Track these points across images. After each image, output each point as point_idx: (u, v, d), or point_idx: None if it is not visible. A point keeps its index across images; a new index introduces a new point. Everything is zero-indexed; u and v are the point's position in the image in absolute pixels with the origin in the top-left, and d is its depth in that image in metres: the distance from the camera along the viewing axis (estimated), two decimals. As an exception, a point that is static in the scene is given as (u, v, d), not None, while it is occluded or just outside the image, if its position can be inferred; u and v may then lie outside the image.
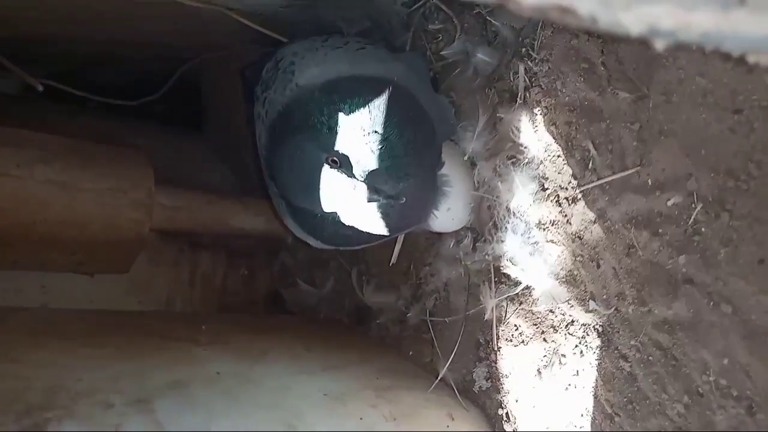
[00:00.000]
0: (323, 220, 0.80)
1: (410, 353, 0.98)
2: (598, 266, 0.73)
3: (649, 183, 0.68)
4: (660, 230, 0.68)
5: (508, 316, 0.82)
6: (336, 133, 0.74)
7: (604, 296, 0.73)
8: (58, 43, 1.07)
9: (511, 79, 0.81)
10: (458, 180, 0.84)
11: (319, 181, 0.75)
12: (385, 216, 0.77)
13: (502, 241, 0.80)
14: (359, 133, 0.73)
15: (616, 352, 0.72)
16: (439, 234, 0.91)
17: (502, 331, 0.83)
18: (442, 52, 0.89)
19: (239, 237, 1.17)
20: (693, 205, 0.65)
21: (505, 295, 0.81)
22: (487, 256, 0.83)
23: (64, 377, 0.70)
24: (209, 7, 0.90)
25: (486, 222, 0.84)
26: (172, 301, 1.15)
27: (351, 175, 0.74)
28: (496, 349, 0.83)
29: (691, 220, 0.65)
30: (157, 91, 1.19)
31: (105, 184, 0.95)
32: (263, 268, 1.22)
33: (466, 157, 0.85)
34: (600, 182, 0.72)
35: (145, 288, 1.12)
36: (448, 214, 0.84)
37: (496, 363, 0.84)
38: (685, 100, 0.65)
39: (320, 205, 0.77)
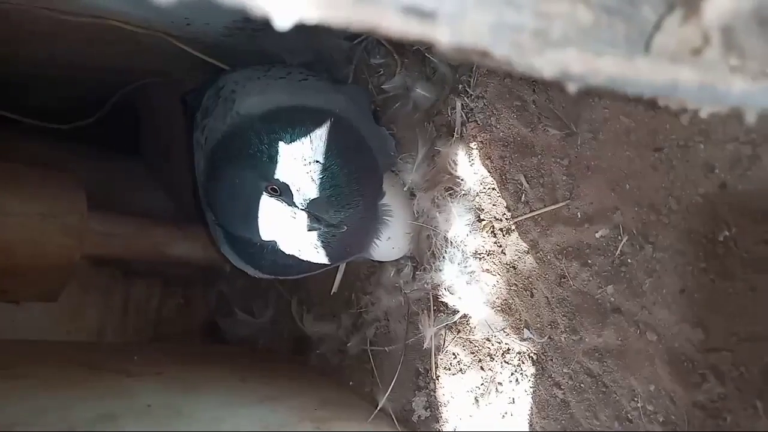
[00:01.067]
0: (262, 249, 0.79)
1: (350, 383, 0.97)
2: (532, 295, 0.75)
3: (578, 216, 0.71)
4: (589, 261, 0.70)
5: (446, 344, 0.83)
6: (276, 161, 0.74)
7: (538, 325, 0.75)
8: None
9: (449, 114, 0.83)
10: (399, 210, 0.85)
11: (257, 210, 0.75)
12: (326, 245, 0.77)
13: (440, 270, 0.81)
14: (300, 162, 0.74)
15: (550, 379, 0.74)
16: (380, 263, 0.92)
17: (441, 359, 0.84)
18: (383, 86, 0.90)
19: (176, 265, 1.14)
20: (619, 237, 0.68)
21: (444, 324, 0.82)
22: (426, 285, 0.85)
23: (-20, 410, 0.66)
24: (149, 32, 0.90)
25: (425, 251, 0.85)
26: (103, 330, 1.11)
27: (291, 203, 0.74)
28: (435, 377, 0.84)
29: (618, 251, 0.68)
30: (93, 114, 1.16)
31: (35, 209, 0.92)
32: (200, 297, 1.19)
33: (405, 188, 0.86)
34: (532, 214, 0.75)
35: (75, 317, 1.08)
36: (389, 243, 0.85)
37: (435, 392, 0.84)
38: (610, 137, 0.68)
39: (259, 233, 0.76)
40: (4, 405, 0.68)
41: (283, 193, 0.74)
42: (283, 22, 0.22)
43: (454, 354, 0.83)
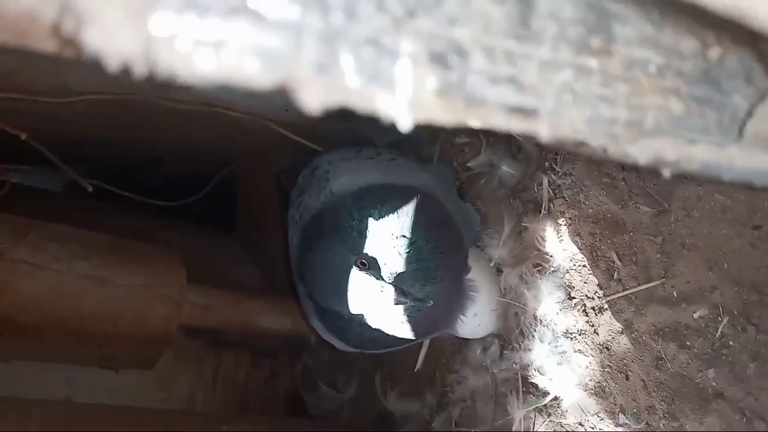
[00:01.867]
0: (350, 322, 0.81)
1: (433, 464, 0.95)
2: (627, 378, 0.72)
3: (675, 295, 0.69)
4: (687, 342, 0.67)
5: (536, 427, 0.80)
6: (365, 236, 0.76)
7: (634, 409, 0.71)
8: (103, 145, 1.14)
9: (535, 190, 0.84)
10: (485, 285, 0.85)
11: (347, 283, 0.77)
12: (412, 319, 0.78)
13: (530, 350, 0.79)
14: (387, 237, 0.76)
15: (647, 469, 0.69)
16: (466, 340, 0.91)
17: (529, 443, 0.81)
18: (468, 164, 0.93)
19: (264, 336, 1.18)
20: (719, 318, 0.65)
21: (533, 406, 0.80)
22: (514, 365, 0.83)
23: (84, 475, 0.70)
24: (250, 117, 0.97)
25: (513, 329, 0.84)
26: (193, 398, 1.14)
27: (379, 277, 0.76)
28: (522, 462, 0.81)
29: (718, 333, 0.65)
30: (194, 192, 1.24)
31: (138, 280, 0.98)
32: (285, 369, 1.22)
33: (492, 264, 0.87)
34: (626, 293, 0.73)
35: (168, 385, 1.12)
36: (475, 320, 0.84)
37: (522, 477, 0.81)
38: (705, 215, 0.67)
39: (347, 306, 0.78)
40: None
41: (371, 266, 0.76)
42: (405, 124, 0.25)
43: (543, 437, 0.80)
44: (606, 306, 0.75)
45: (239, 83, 0.24)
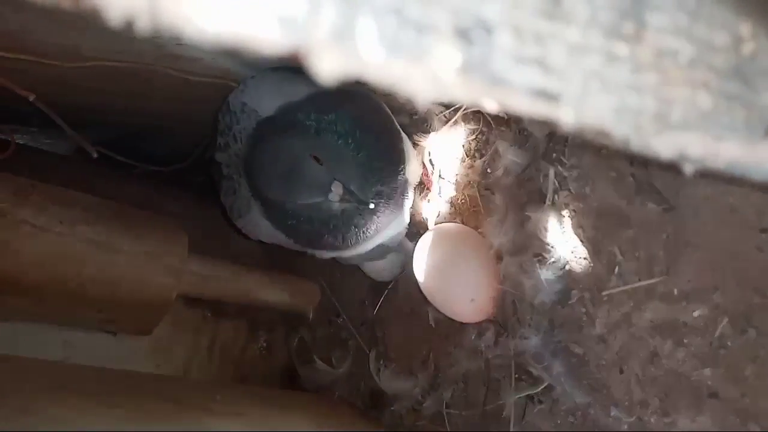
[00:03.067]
0: (298, 220, 0.89)
1: (423, 444, 0.96)
2: (621, 371, 0.73)
3: (675, 293, 0.69)
4: (685, 340, 0.68)
5: (527, 414, 0.81)
6: (321, 137, 0.84)
7: (627, 403, 0.72)
8: (111, 113, 1.14)
9: (541, 180, 0.84)
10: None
11: (299, 174, 0.82)
12: (351, 222, 0.87)
13: (525, 338, 0.80)
14: (340, 138, 0.84)
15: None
16: (461, 324, 0.91)
17: (521, 429, 0.81)
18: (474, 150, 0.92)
19: (262, 310, 1.18)
20: (719, 319, 0.65)
21: (525, 393, 0.80)
22: (509, 351, 0.83)
23: (79, 436, 0.70)
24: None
25: (509, 316, 0.84)
26: (189, 367, 1.15)
27: (329, 172, 0.81)
28: (512, 448, 0.82)
29: (717, 333, 0.65)
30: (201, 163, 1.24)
31: (141, 248, 0.98)
32: (282, 342, 1.22)
33: (492, 251, 0.86)
34: (626, 287, 0.73)
35: (165, 352, 1.13)
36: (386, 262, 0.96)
37: (510, 462, 0.82)
38: (713, 215, 0.67)
39: (297, 195, 0.85)
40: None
41: (323, 163, 0.82)
42: (424, 100, 0.25)
43: (534, 425, 0.80)
44: (605, 299, 0.75)
45: (250, 46, 0.23)
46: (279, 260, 1.19)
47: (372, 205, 0.84)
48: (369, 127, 0.87)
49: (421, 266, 0.89)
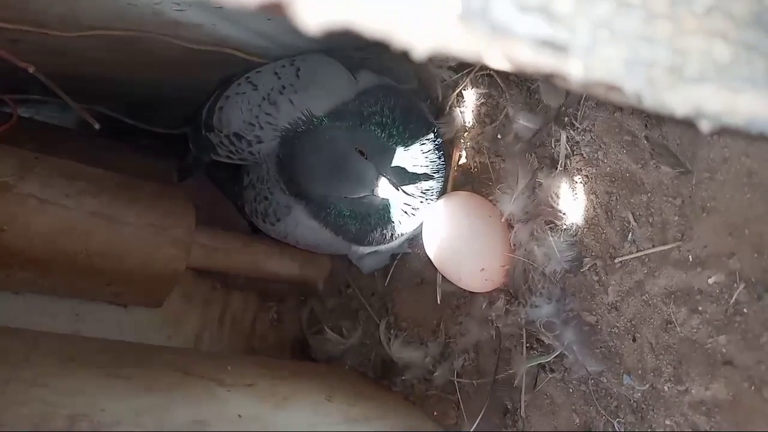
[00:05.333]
0: (346, 218, 0.90)
1: (434, 413, 0.95)
2: (634, 339, 0.72)
3: (690, 259, 0.67)
4: (700, 308, 0.66)
5: (538, 383, 0.80)
6: (367, 132, 0.85)
7: (640, 371, 0.71)
8: (113, 83, 1.13)
9: (552, 146, 0.81)
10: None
11: (347, 169, 0.84)
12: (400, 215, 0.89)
13: (536, 306, 0.79)
14: (385, 133, 0.85)
15: (649, 429, 0.69)
16: (471, 293, 0.90)
17: (531, 398, 0.81)
18: (485, 115, 0.90)
19: (272, 281, 1.18)
20: (735, 285, 0.63)
21: (537, 362, 0.80)
22: (519, 320, 0.82)
23: (89, 406, 0.70)
24: (261, 60, 0.94)
25: (520, 285, 0.83)
26: (200, 338, 1.15)
27: (378, 167, 0.83)
28: (524, 416, 0.81)
29: (733, 299, 0.63)
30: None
31: (147, 220, 0.97)
32: (292, 313, 1.22)
33: (503, 219, 0.85)
34: (639, 254, 0.71)
35: (176, 323, 1.13)
36: (375, 256, 0.97)
37: (523, 431, 0.82)
38: (730, 178, 0.64)
39: (348, 189, 0.86)
40: (110, 403, 0.72)
41: (369, 158, 0.83)
42: (421, 53, 0.23)
43: (546, 394, 0.80)
44: (618, 266, 0.73)
45: (230, 2, 0.21)
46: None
47: (417, 199, 0.86)
48: (408, 119, 0.87)
49: (430, 236, 0.88)
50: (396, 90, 0.90)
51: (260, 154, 0.92)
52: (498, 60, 0.24)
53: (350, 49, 0.91)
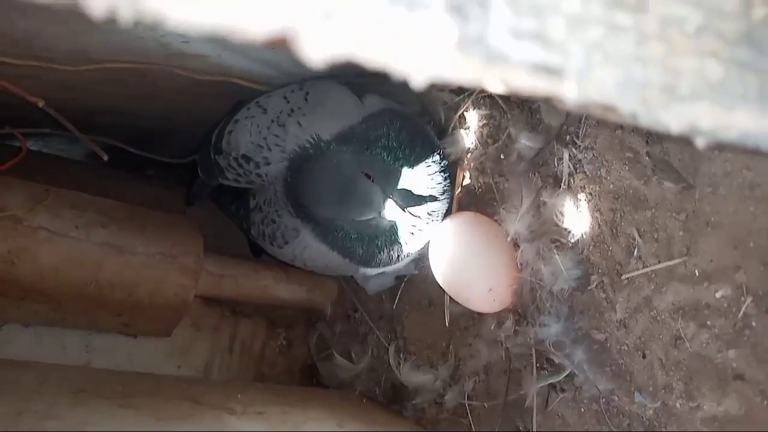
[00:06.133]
0: (355, 240, 0.91)
1: (446, 437, 0.95)
2: (644, 356, 0.71)
3: (696, 273, 0.67)
4: (708, 322, 0.66)
5: (550, 404, 0.79)
6: (373, 155, 0.87)
7: (651, 388, 0.70)
8: (121, 115, 1.14)
9: (555, 164, 0.82)
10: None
11: (354, 191, 0.86)
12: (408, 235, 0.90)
13: (545, 326, 0.79)
14: (391, 156, 0.87)
15: (663, 447, 0.69)
16: (479, 314, 0.90)
17: (544, 419, 0.80)
18: (487, 137, 0.91)
19: (280, 307, 1.18)
20: (742, 298, 0.63)
21: (548, 382, 0.79)
22: (529, 340, 0.82)
23: (101, 438, 0.71)
24: (262, 88, 0.96)
25: (528, 305, 0.83)
26: (210, 366, 1.15)
27: (384, 190, 0.85)
28: (536, 437, 0.81)
29: (741, 313, 0.63)
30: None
31: (156, 249, 0.98)
32: (301, 339, 1.22)
33: (509, 238, 0.85)
34: (645, 270, 0.71)
35: (186, 352, 1.14)
36: (380, 278, 0.99)
37: (535, 452, 0.81)
38: (732, 192, 0.65)
39: (355, 212, 0.88)
40: (122, 433, 0.73)
41: (375, 181, 0.85)
42: (420, 82, 0.24)
43: (557, 414, 0.79)
44: (625, 283, 0.73)
45: (234, 32, 0.22)
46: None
47: (423, 220, 0.88)
48: (414, 141, 0.89)
49: (437, 257, 0.88)
50: (402, 113, 0.92)
51: (268, 177, 0.93)
52: (495, 85, 0.25)
53: (353, 76, 0.92)
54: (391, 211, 0.85)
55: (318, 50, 0.22)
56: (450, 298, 0.93)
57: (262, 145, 0.92)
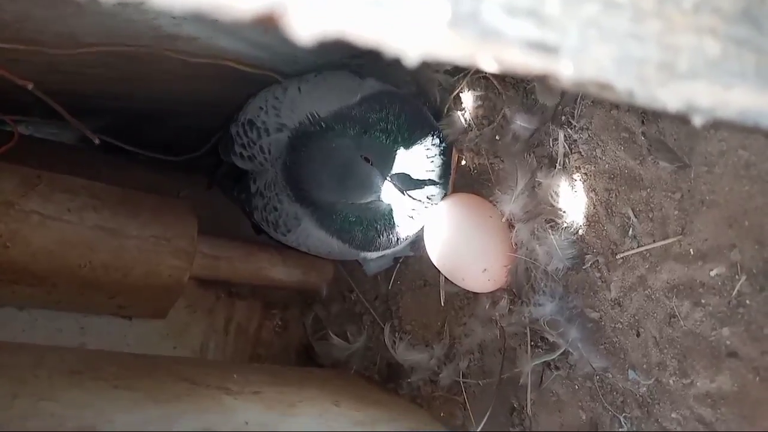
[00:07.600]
0: (352, 224, 0.91)
1: (441, 414, 0.96)
2: (638, 334, 0.72)
3: (691, 252, 0.67)
4: (702, 300, 0.66)
5: (544, 381, 0.80)
6: (371, 138, 0.86)
7: (645, 366, 0.71)
8: (113, 98, 1.13)
9: (551, 145, 0.82)
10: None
11: (353, 174, 0.85)
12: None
13: (540, 305, 0.79)
14: (390, 139, 0.86)
15: (656, 424, 0.70)
16: (474, 294, 0.91)
17: (538, 396, 0.81)
18: (482, 118, 0.91)
19: (275, 288, 1.18)
20: (737, 277, 0.64)
21: (542, 360, 0.80)
22: (523, 319, 0.83)
23: (97, 418, 0.71)
24: (258, 71, 0.95)
25: (523, 284, 0.83)
26: (205, 347, 1.16)
27: (382, 172, 0.85)
28: (530, 415, 0.81)
29: (735, 291, 0.64)
30: (204, 145, 1.23)
31: (150, 232, 0.98)
32: (296, 319, 1.23)
33: (504, 219, 0.85)
34: (640, 249, 0.72)
35: (181, 334, 1.14)
36: (380, 260, 0.99)
37: (529, 430, 0.82)
38: (728, 171, 0.65)
39: (353, 195, 0.87)
40: (118, 415, 0.73)
41: (374, 164, 0.85)
42: (412, 59, 0.23)
43: (552, 392, 0.80)
44: (620, 262, 0.74)
45: (219, 9, 0.21)
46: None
47: (422, 203, 0.87)
48: (413, 125, 0.88)
49: (432, 238, 0.88)
50: (400, 96, 0.91)
51: (270, 155, 0.93)
52: (489, 63, 0.25)
53: (347, 57, 0.91)
54: (390, 194, 0.85)
55: (306, 28, 0.21)
56: (445, 278, 0.93)
57: (262, 106, 0.93)
